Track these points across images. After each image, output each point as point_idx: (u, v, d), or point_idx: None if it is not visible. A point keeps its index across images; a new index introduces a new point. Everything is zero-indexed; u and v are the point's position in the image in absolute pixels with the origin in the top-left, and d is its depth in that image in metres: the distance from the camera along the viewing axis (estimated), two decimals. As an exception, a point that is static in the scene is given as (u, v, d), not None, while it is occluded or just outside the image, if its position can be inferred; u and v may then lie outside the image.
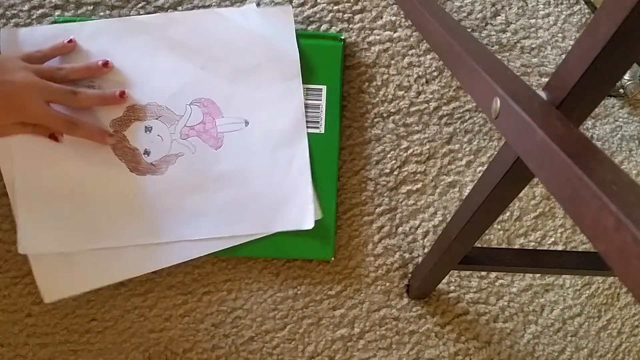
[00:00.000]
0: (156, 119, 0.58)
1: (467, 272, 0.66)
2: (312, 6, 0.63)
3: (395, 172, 0.64)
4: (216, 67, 0.59)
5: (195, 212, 0.59)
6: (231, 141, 0.59)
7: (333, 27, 0.63)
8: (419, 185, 0.65)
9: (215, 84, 0.59)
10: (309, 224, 0.60)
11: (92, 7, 0.59)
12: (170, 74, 0.59)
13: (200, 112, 0.59)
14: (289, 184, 0.60)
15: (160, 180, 0.58)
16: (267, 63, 0.60)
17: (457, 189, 0.66)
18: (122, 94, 0.56)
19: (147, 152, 0.58)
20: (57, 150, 0.56)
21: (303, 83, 0.61)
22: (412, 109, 0.65)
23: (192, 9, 0.61)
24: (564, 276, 0.68)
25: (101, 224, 0.57)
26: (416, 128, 0.65)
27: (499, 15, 0.66)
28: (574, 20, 0.67)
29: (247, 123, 0.60)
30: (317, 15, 0.63)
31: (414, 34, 0.64)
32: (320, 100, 0.61)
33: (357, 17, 0.63)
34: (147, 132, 0.58)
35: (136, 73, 0.58)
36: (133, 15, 0.60)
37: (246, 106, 0.60)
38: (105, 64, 0.56)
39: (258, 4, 0.61)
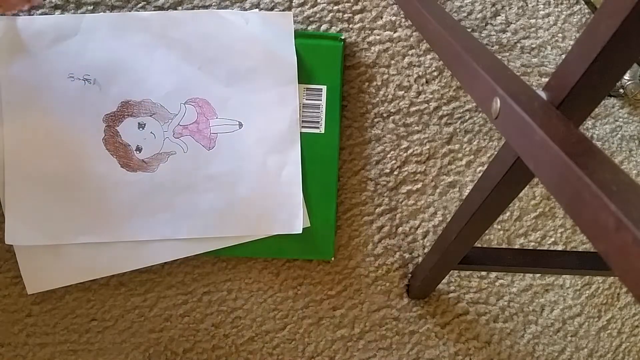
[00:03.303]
0: (150, 116, 0.58)
1: (467, 272, 0.66)
2: (312, 6, 0.63)
3: (395, 172, 0.64)
4: (213, 68, 0.59)
5: (184, 211, 0.59)
6: (224, 143, 0.59)
7: (333, 27, 0.63)
8: (419, 185, 0.65)
9: (211, 85, 0.59)
10: (297, 229, 0.60)
11: (92, 7, 0.59)
12: (167, 72, 0.59)
13: (195, 111, 0.59)
14: (279, 190, 0.60)
15: (151, 178, 0.58)
16: (265, 67, 0.60)
17: (457, 189, 0.66)
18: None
19: (139, 149, 0.58)
20: (48, 142, 0.56)
21: (303, 83, 0.61)
22: (412, 109, 0.65)
23: (192, 9, 0.61)
24: (564, 276, 0.68)
25: (89, 219, 0.57)
26: (416, 128, 0.65)
27: (499, 15, 0.66)
28: (574, 20, 0.67)
29: (241, 125, 0.60)
30: (317, 15, 0.63)
31: (414, 34, 0.64)
32: (320, 100, 0.61)
33: (357, 17, 0.63)
34: (140, 129, 0.58)
35: (133, 69, 0.58)
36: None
37: (241, 109, 0.60)
38: None
39: (259, 8, 0.61)
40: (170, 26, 0.59)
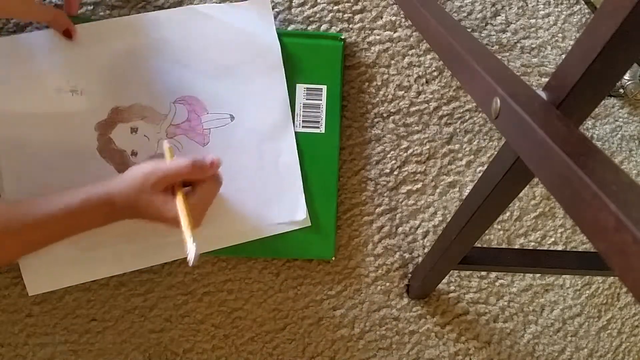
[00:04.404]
0: (141, 119, 0.58)
1: (467, 272, 0.66)
2: (312, 6, 0.63)
3: (395, 172, 0.64)
4: (198, 64, 0.59)
5: None
6: (217, 137, 0.59)
7: (333, 27, 0.63)
8: (419, 185, 0.65)
9: (198, 81, 0.59)
10: (301, 215, 0.60)
11: (92, 7, 0.59)
12: (153, 73, 0.58)
13: (185, 109, 0.59)
14: (278, 178, 0.60)
15: None
16: (249, 56, 0.60)
17: (457, 189, 0.66)
18: (69, 32, 0.56)
19: (134, 153, 0.58)
20: (45, 156, 0.56)
21: (303, 83, 0.61)
22: (412, 109, 0.65)
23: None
24: (564, 276, 0.68)
25: None
26: (416, 128, 0.65)
27: (499, 15, 0.66)
28: (574, 20, 0.67)
29: (232, 118, 0.60)
30: (317, 15, 0.63)
31: (414, 34, 0.64)
32: (320, 100, 0.61)
33: (357, 17, 0.63)
34: (133, 133, 0.58)
35: (118, 75, 0.58)
36: (133, 15, 0.60)
37: (231, 101, 0.60)
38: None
39: None
40: (149, 27, 0.58)
